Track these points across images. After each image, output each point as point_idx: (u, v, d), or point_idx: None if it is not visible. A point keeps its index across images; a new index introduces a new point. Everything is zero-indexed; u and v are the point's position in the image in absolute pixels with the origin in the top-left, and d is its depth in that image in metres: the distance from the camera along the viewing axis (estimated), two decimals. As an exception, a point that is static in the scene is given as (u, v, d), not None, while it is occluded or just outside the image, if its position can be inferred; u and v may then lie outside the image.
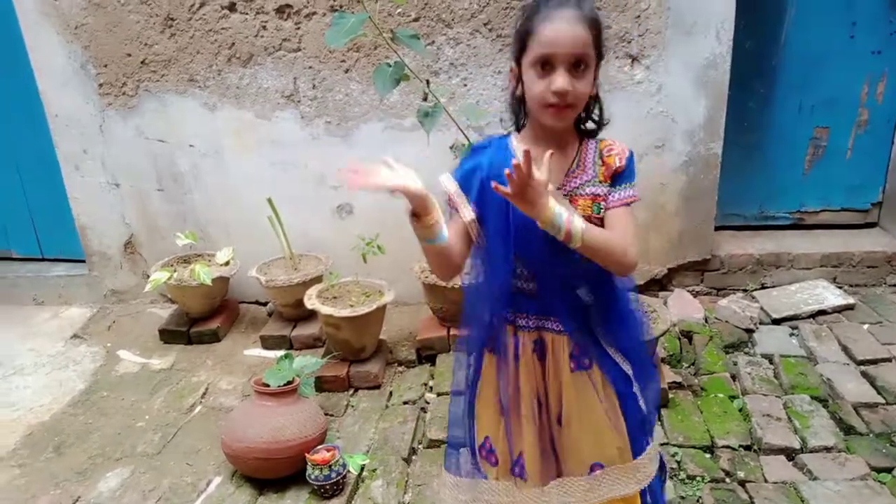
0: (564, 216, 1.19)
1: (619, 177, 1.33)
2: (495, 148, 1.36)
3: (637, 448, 1.42)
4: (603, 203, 1.32)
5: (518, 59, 1.29)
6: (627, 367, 1.41)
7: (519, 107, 1.36)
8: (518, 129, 1.39)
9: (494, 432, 1.44)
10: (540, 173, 1.16)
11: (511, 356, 1.39)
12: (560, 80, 1.21)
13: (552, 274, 1.33)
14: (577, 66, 1.22)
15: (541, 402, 1.40)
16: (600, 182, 1.32)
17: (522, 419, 1.39)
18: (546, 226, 1.19)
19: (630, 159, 1.34)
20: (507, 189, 1.15)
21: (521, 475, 1.41)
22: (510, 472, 1.42)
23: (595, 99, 1.35)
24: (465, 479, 1.49)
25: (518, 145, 1.32)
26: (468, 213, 1.31)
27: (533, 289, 1.36)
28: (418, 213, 1.22)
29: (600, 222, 1.31)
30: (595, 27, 1.24)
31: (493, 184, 1.17)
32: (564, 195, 1.32)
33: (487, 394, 1.46)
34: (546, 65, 1.22)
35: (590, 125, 1.38)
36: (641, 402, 1.43)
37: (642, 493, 1.46)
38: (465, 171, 1.34)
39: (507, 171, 1.13)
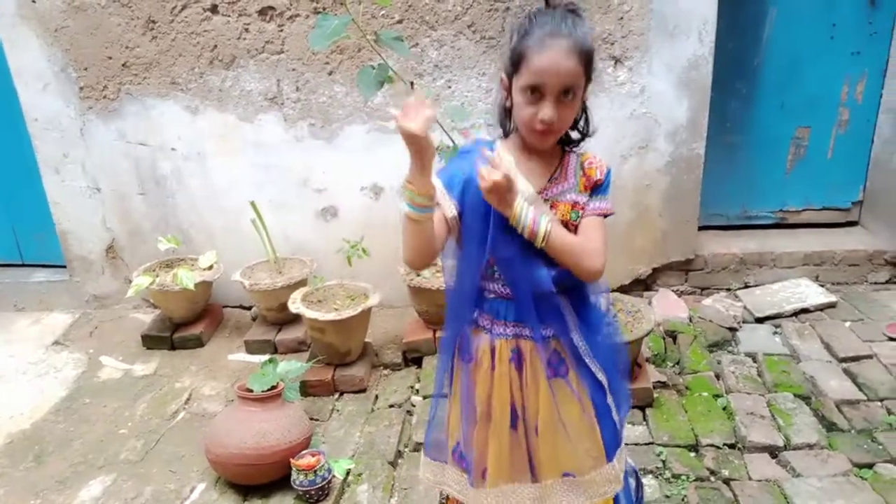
0: (531, 215, 1.25)
1: (596, 189, 1.38)
2: (481, 150, 1.35)
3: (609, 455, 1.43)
4: (581, 210, 1.36)
5: (509, 76, 1.31)
6: (602, 377, 1.42)
7: (505, 117, 1.39)
8: (505, 136, 1.42)
9: (468, 437, 1.44)
10: (509, 171, 1.21)
11: (487, 366, 1.40)
12: (548, 111, 1.25)
13: (527, 279, 1.34)
14: (565, 94, 1.26)
15: (517, 413, 1.40)
16: (580, 191, 1.37)
17: (490, 429, 1.40)
18: (513, 221, 1.26)
19: (608, 174, 1.39)
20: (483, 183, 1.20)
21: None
22: (481, 477, 1.43)
23: (582, 112, 1.38)
24: (435, 461, 1.54)
25: (503, 151, 1.32)
26: (451, 209, 1.34)
27: (509, 294, 1.37)
28: (424, 167, 1.22)
29: (577, 229, 1.36)
30: (587, 57, 1.26)
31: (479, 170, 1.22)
32: (545, 200, 1.35)
33: (458, 401, 1.47)
34: (535, 92, 1.25)
35: (574, 135, 1.40)
36: (615, 415, 1.45)
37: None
38: (450, 173, 1.36)
39: (480, 164, 1.20)
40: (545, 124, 1.26)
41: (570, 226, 1.35)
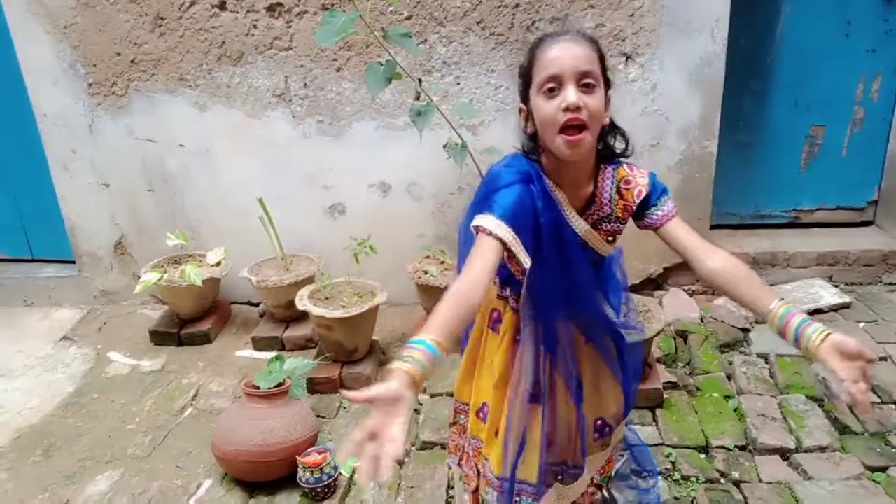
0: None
1: (648, 200, 1.34)
2: (537, 179, 1.30)
3: (626, 412, 1.61)
4: (619, 236, 1.39)
5: (525, 96, 1.29)
6: (622, 328, 1.55)
7: (533, 145, 1.33)
8: (538, 160, 1.34)
9: (491, 399, 1.52)
10: None
11: (510, 339, 1.46)
12: (570, 94, 1.19)
13: (588, 294, 1.43)
14: (585, 84, 1.21)
15: (542, 388, 1.45)
16: (617, 218, 1.36)
17: (506, 395, 1.48)
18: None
19: (652, 184, 1.34)
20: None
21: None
22: (494, 435, 1.52)
23: (613, 127, 1.34)
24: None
25: (556, 188, 1.31)
26: (526, 259, 1.26)
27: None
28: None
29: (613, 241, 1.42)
30: (597, 47, 1.25)
31: None
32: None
33: (487, 366, 1.54)
34: (554, 87, 1.21)
35: (616, 148, 1.38)
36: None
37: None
38: (511, 208, 1.24)
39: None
40: (571, 110, 1.18)
41: (610, 244, 1.41)
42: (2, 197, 3.45)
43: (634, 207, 1.33)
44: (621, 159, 1.37)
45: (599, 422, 1.54)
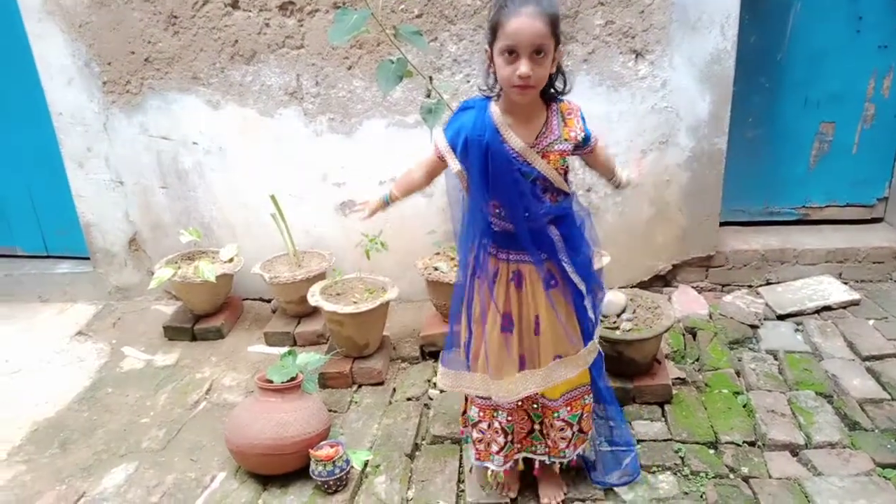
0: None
1: (583, 139, 1.72)
2: (479, 110, 1.67)
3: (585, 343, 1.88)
4: (567, 157, 1.70)
5: (490, 45, 1.59)
6: (582, 286, 1.82)
7: (493, 81, 1.67)
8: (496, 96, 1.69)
9: (474, 331, 1.88)
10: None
11: (490, 279, 1.78)
12: (523, 67, 1.51)
13: (523, 215, 1.68)
14: (537, 53, 1.52)
15: (511, 321, 1.80)
16: (565, 140, 1.69)
17: (486, 329, 1.82)
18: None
19: (583, 120, 1.72)
20: None
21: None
22: (475, 360, 1.88)
23: (559, 72, 1.67)
24: (452, 370, 1.93)
25: (496, 111, 1.65)
26: (455, 164, 1.71)
27: (511, 228, 1.72)
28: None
29: (565, 172, 1.72)
30: (553, 20, 1.52)
31: None
32: (537, 152, 1.65)
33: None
34: (511, 53, 1.52)
35: (558, 86, 1.70)
36: (590, 313, 1.88)
37: (591, 374, 1.96)
38: (454, 130, 1.70)
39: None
40: (523, 79, 1.52)
41: (560, 170, 1.69)
42: (18, 194, 3.51)
43: (578, 134, 1.69)
44: (561, 97, 1.71)
45: (558, 359, 1.85)
